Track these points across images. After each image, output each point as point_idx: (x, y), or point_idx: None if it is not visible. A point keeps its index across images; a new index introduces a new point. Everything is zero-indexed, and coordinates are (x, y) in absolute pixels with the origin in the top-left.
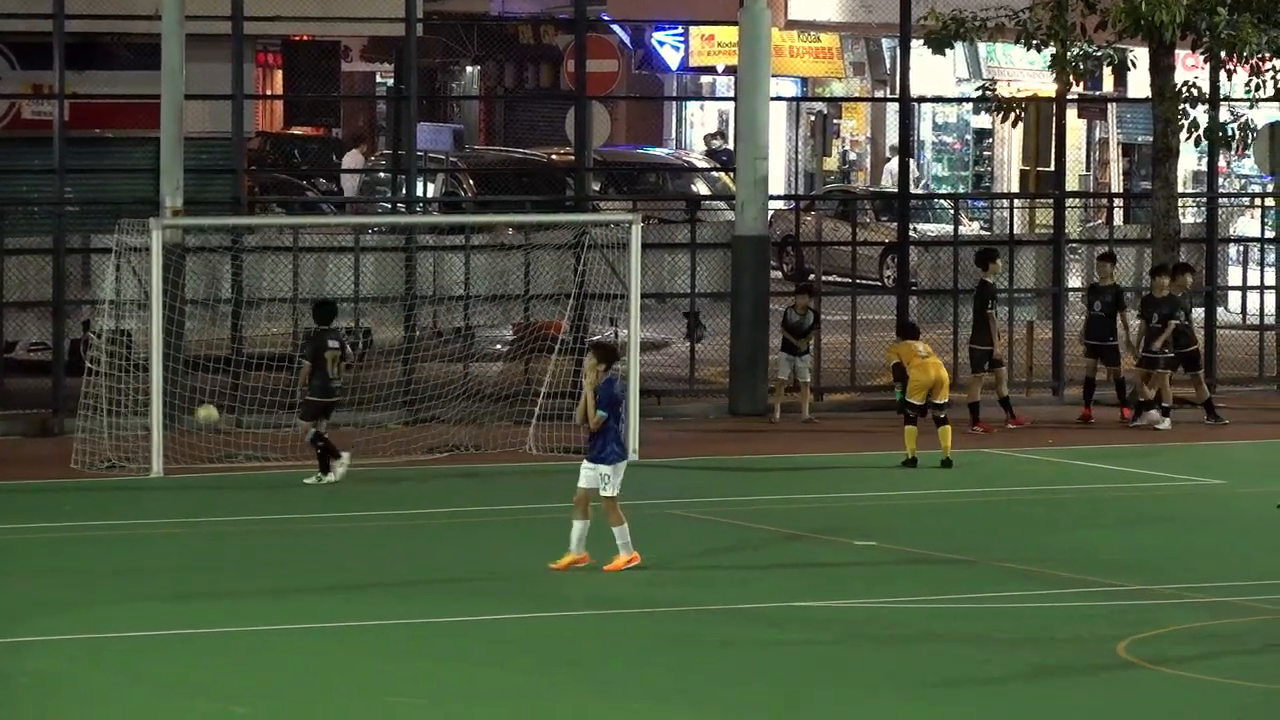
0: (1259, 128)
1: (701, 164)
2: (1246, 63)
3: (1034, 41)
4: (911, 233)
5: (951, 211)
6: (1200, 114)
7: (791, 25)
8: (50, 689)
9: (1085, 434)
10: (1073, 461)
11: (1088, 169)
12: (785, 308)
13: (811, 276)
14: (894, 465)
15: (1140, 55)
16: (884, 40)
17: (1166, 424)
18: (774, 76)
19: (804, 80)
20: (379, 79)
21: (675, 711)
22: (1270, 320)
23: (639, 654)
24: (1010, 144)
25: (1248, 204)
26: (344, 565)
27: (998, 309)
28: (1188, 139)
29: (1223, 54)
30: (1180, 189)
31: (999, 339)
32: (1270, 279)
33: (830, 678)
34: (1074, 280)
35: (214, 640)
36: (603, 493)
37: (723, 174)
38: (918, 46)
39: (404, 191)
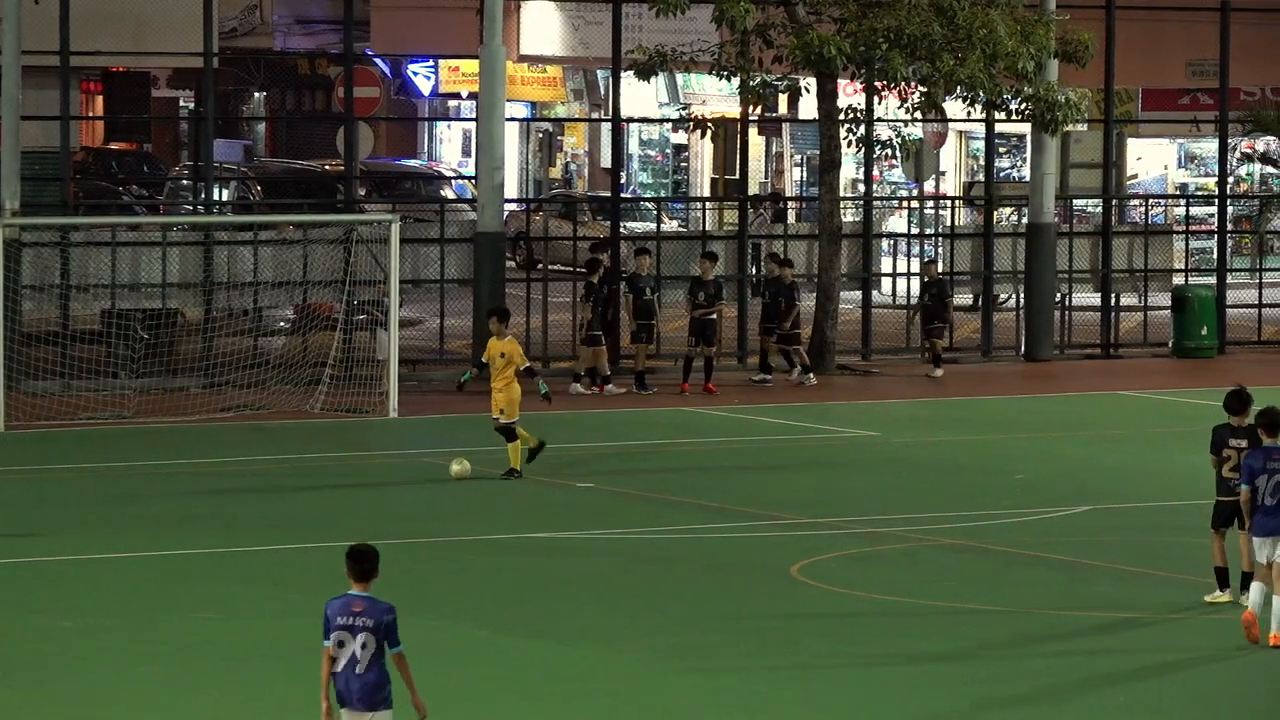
0: (914, 139)
1: (448, 173)
2: (895, 89)
3: (724, 72)
4: (622, 230)
5: (655, 212)
6: (862, 130)
7: (523, 58)
8: None
9: (764, 394)
10: (752, 417)
11: (766, 177)
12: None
13: (540, 266)
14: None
15: (811, 83)
16: (599, 70)
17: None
18: (508, 101)
19: (533, 104)
20: (182, 103)
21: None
22: (914, 301)
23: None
24: (703, 156)
25: (897, 206)
26: (154, 505)
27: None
28: (853, 150)
29: (877, 83)
30: (842, 193)
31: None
32: (915, 267)
33: (576, 594)
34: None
35: (50, 567)
36: None
37: (467, 181)
38: (627, 76)
39: (203, 195)
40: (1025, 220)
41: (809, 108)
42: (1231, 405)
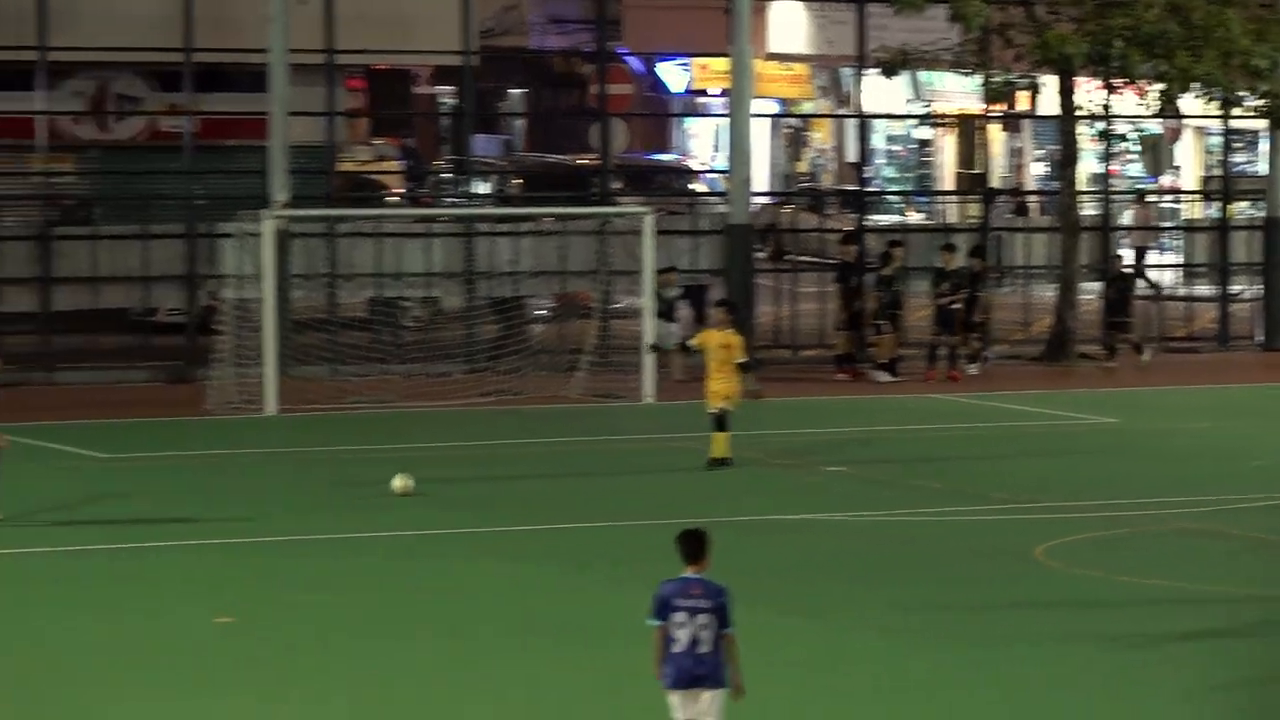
0: (1151, 134)
1: (699, 167)
2: (1132, 86)
3: (965, 70)
4: (866, 222)
5: (899, 205)
6: (1102, 126)
7: (771, 57)
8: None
9: (1005, 381)
10: (995, 404)
11: (1007, 171)
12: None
13: (788, 257)
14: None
15: (1049, 80)
16: (844, 68)
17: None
18: (756, 98)
19: (781, 100)
20: (441, 100)
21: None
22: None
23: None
24: (946, 151)
25: (1133, 199)
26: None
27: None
28: (1092, 145)
29: (1115, 80)
30: (1081, 187)
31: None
32: (1154, 259)
33: (822, 572)
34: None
35: (313, 545)
36: None
37: (717, 175)
38: (871, 73)
39: (463, 189)
40: (1263, 213)
41: (1049, 104)
42: None
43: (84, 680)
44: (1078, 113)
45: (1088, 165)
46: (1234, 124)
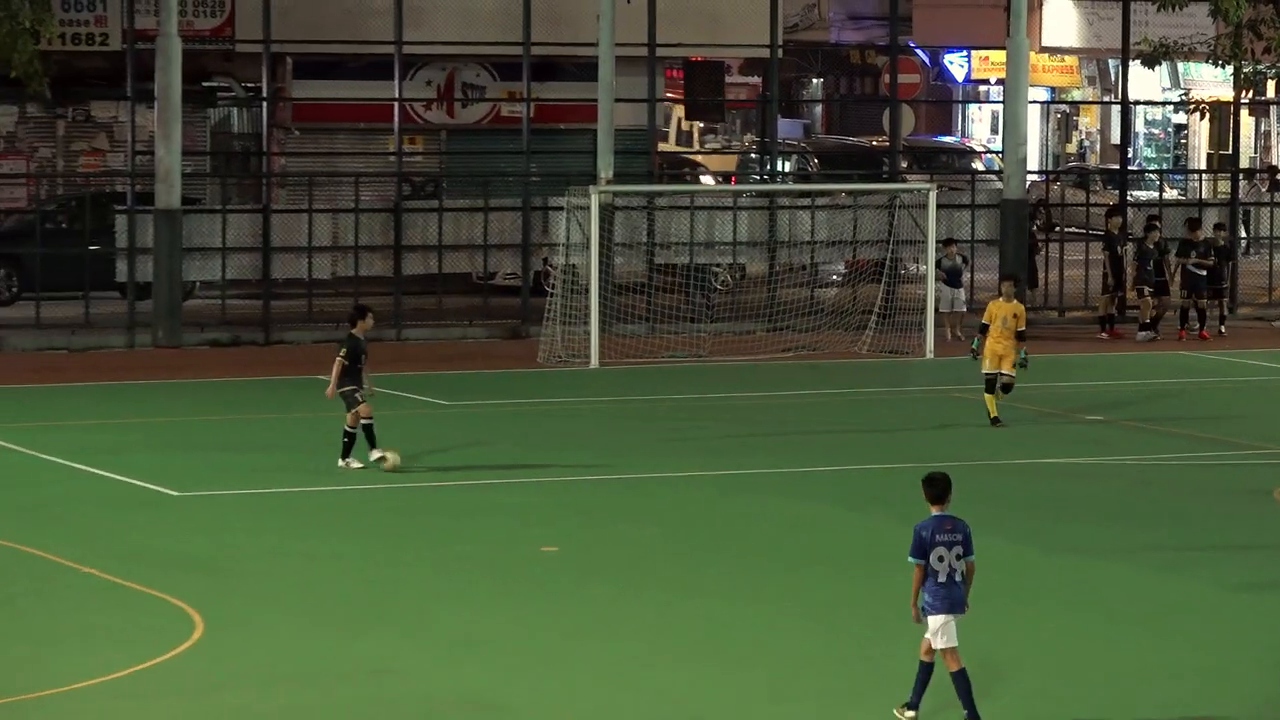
0: None
1: (979, 149)
2: None
3: (1219, 61)
4: (1129, 197)
5: (1158, 182)
6: None
7: (1044, 49)
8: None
9: (1254, 339)
10: (1242, 360)
11: (1255, 153)
12: (940, 255)
13: (1058, 229)
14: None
15: None
16: (1110, 60)
17: None
18: (1031, 86)
19: (1052, 89)
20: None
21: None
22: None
23: None
24: (1200, 134)
25: None
26: (720, 430)
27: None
28: None
29: None
30: None
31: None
32: None
33: (1071, 511)
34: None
35: (631, 484)
36: None
37: (994, 155)
38: (1134, 64)
39: (769, 167)
40: None
41: None
42: None
43: (433, 594)
44: None
45: None
46: None
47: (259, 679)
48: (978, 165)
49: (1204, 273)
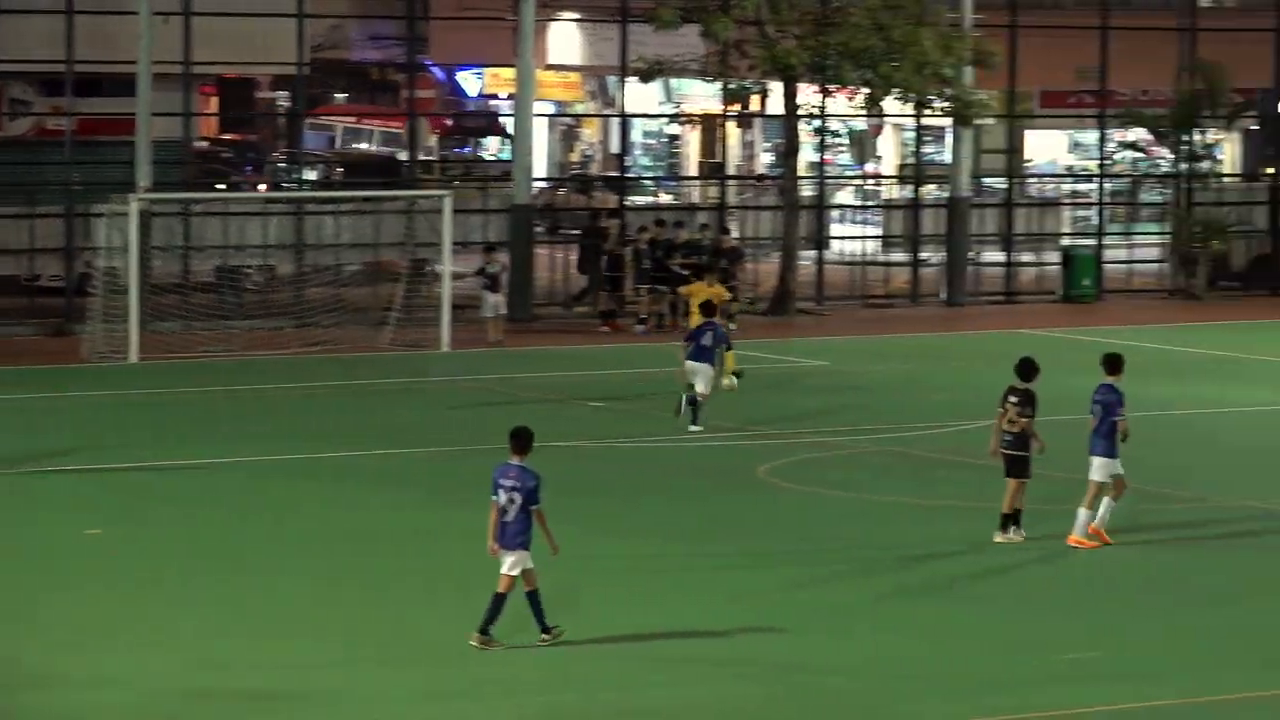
0: (858, 130)
1: (490, 158)
2: (844, 91)
3: (708, 78)
4: (627, 202)
5: (653, 188)
6: (818, 123)
7: (549, 67)
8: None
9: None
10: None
11: (741, 160)
12: (483, 262)
13: (563, 230)
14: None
15: (777, 86)
16: (609, 76)
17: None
18: (538, 100)
19: (558, 103)
20: (279, 102)
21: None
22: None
23: (463, 477)
24: (692, 144)
25: (844, 183)
26: (257, 421)
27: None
28: (810, 139)
29: (830, 86)
30: (801, 173)
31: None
32: (859, 231)
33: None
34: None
35: (169, 471)
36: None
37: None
38: (631, 80)
39: (296, 176)
40: (947, 194)
41: (775, 105)
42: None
43: None
44: (799, 112)
45: (806, 155)
46: (925, 121)
47: None
48: (490, 172)
49: (688, 272)
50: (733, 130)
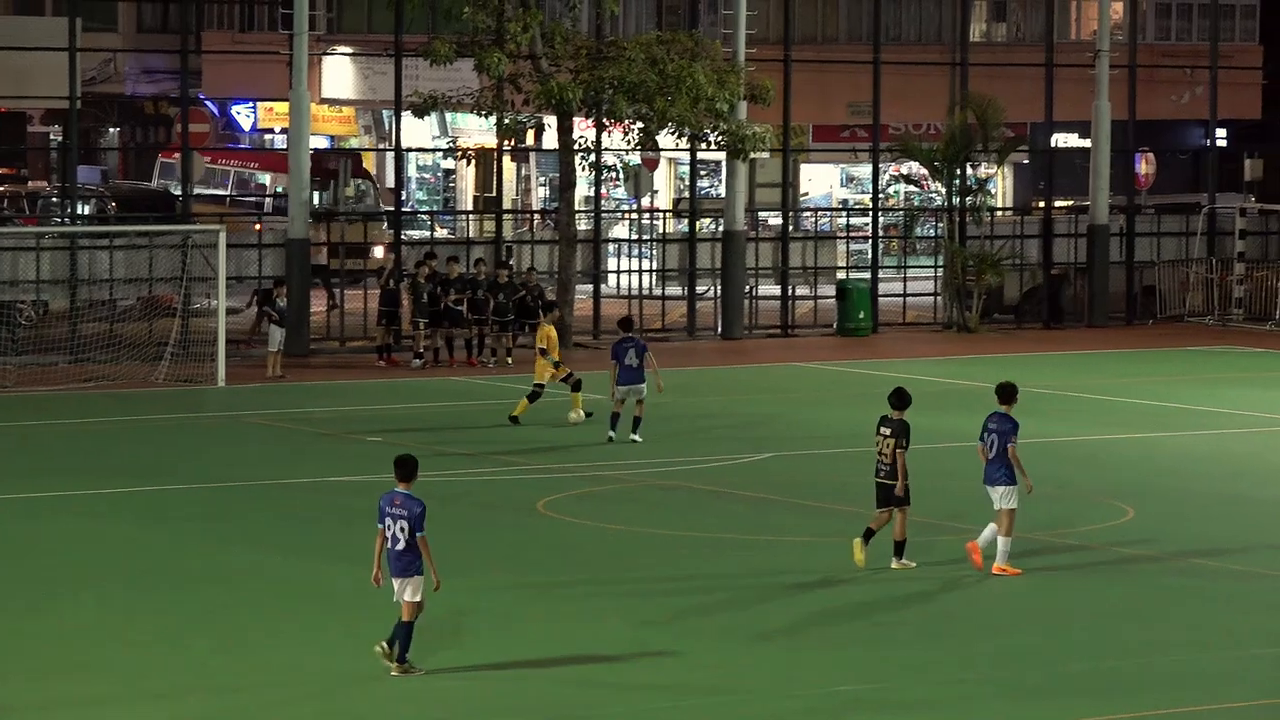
0: (633, 164)
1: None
2: (619, 125)
3: (483, 112)
4: (404, 237)
5: (429, 222)
6: (593, 157)
7: (324, 101)
8: None
9: (497, 368)
10: (507, 385)
11: (517, 194)
12: (275, 296)
13: (338, 265)
14: None
15: (552, 121)
16: (384, 110)
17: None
18: (312, 134)
19: (332, 137)
20: (52, 136)
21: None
22: (635, 293)
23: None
24: (467, 178)
25: (620, 217)
26: (30, 457)
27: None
28: (585, 173)
29: (605, 120)
30: (577, 207)
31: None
32: (635, 265)
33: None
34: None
35: None
36: None
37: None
38: (406, 114)
39: (68, 210)
40: (722, 228)
41: (551, 140)
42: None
43: None
44: (574, 146)
45: (582, 190)
46: (700, 155)
47: None
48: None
49: (461, 307)
50: (509, 165)
